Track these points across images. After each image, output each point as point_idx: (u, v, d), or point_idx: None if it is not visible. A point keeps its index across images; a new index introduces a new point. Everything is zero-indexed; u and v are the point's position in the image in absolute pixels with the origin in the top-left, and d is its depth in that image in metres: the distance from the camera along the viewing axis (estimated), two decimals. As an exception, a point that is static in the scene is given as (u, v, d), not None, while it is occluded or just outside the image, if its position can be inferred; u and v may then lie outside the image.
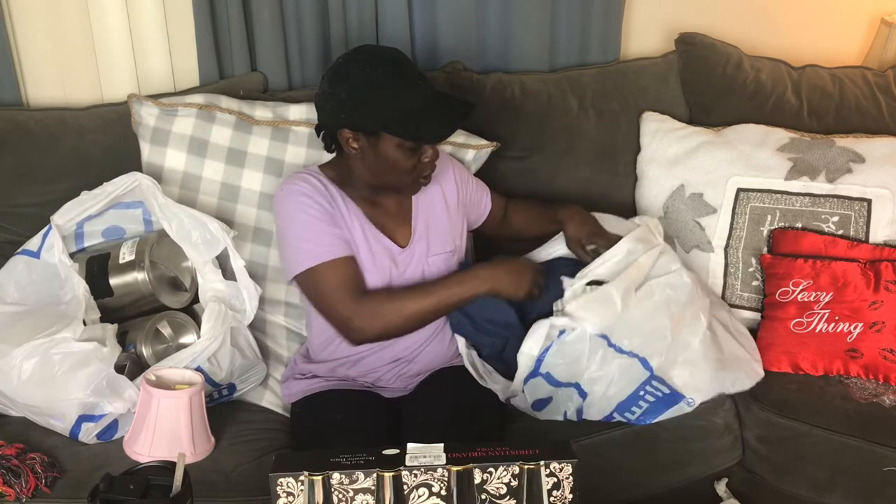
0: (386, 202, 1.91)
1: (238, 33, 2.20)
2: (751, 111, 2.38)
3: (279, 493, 1.20)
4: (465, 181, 2.03)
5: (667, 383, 1.84)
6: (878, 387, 2.02)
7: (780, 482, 2.00)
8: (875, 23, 2.65)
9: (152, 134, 2.06)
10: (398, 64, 1.76)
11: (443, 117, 1.77)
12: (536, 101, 2.33)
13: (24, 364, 1.70)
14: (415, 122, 1.73)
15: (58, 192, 1.97)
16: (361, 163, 1.81)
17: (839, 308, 2.05)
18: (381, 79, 1.72)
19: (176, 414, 1.67)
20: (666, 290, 1.86)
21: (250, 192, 2.05)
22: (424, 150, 1.78)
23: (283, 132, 2.09)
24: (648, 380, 1.83)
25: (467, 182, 2.05)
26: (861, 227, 2.15)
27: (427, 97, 1.76)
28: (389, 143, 1.75)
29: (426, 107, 1.75)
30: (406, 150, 1.76)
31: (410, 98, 1.73)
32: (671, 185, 2.29)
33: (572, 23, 2.46)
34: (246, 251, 2.02)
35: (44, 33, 2.12)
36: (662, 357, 1.83)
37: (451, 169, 2.00)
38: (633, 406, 1.85)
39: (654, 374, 1.83)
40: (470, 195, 2.05)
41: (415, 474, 1.21)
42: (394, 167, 1.78)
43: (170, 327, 1.90)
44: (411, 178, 1.82)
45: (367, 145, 1.77)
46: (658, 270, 1.89)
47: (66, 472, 1.68)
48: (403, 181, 1.83)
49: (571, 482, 1.23)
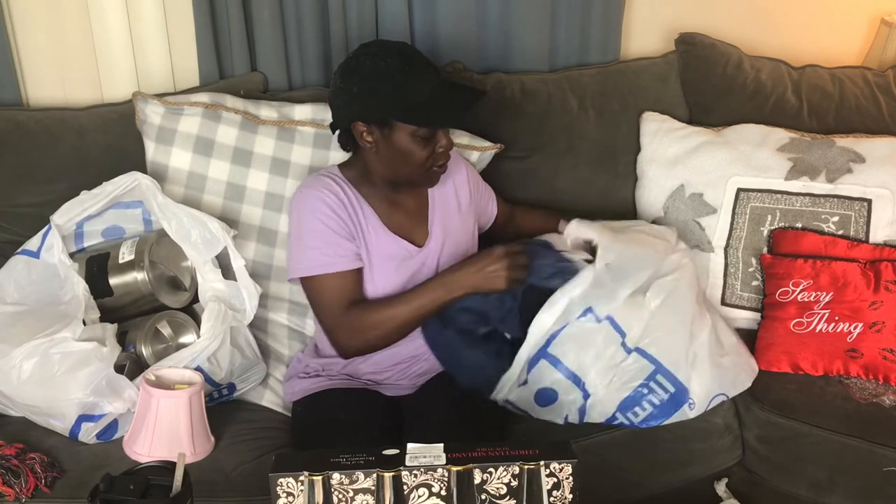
0: (404, 201, 1.91)
1: (238, 33, 2.20)
2: (751, 111, 2.38)
3: (279, 493, 1.20)
4: (477, 184, 2.05)
5: (671, 379, 1.84)
6: (878, 387, 2.02)
7: (780, 482, 2.00)
8: (875, 23, 2.65)
9: (157, 133, 2.05)
10: (407, 54, 1.77)
11: (453, 103, 1.79)
12: (536, 101, 2.33)
13: (24, 364, 1.70)
14: (425, 109, 1.75)
15: (57, 192, 1.97)
16: (377, 157, 1.81)
17: (839, 308, 2.05)
18: (390, 69, 1.74)
19: (176, 414, 1.67)
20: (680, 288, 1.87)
21: (256, 191, 2.05)
22: (438, 140, 1.79)
23: (288, 132, 2.09)
24: (653, 373, 1.83)
25: (478, 185, 2.06)
26: (861, 227, 2.15)
27: (436, 85, 1.77)
28: (402, 133, 1.76)
29: (436, 94, 1.76)
30: (419, 139, 1.76)
31: (420, 86, 1.74)
32: (671, 185, 2.29)
33: (572, 23, 2.45)
34: (250, 251, 2.02)
35: (44, 33, 2.12)
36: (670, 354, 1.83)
37: (465, 170, 2.02)
38: (636, 406, 1.85)
39: (659, 369, 1.83)
40: (480, 199, 2.06)
41: (415, 474, 1.21)
42: (408, 158, 1.79)
43: (169, 327, 1.90)
44: (425, 170, 1.82)
45: (381, 137, 1.78)
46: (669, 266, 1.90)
47: (65, 472, 1.68)
48: (418, 173, 1.83)
49: (571, 482, 1.23)
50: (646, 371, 1.83)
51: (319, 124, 2.09)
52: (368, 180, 1.88)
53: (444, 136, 1.80)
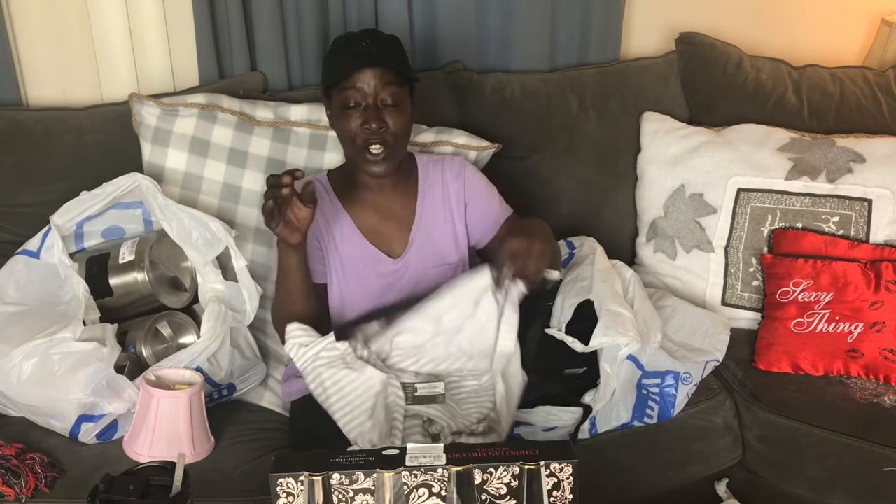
0: (388, 205, 1.90)
1: (238, 33, 2.20)
2: (751, 111, 2.38)
3: (279, 493, 1.20)
4: (476, 191, 1.94)
5: (657, 372, 1.86)
6: (879, 387, 2.02)
7: (780, 482, 2.00)
8: (875, 23, 2.65)
9: (154, 134, 2.06)
10: (347, 36, 1.87)
11: (355, 56, 1.80)
12: (536, 101, 2.33)
13: (24, 364, 1.70)
14: (329, 64, 1.84)
15: (57, 192, 1.97)
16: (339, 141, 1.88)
17: (840, 308, 2.05)
18: (332, 48, 1.87)
19: (176, 414, 1.67)
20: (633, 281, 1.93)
21: (252, 192, 2.05)
22: (366, 118, 1.78)
23: (284, 133, 2.09)
24: (640, 379, 1.85)
25: (478, 193, 1.95)
26: (861, 227, 2.15)
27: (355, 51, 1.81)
28: (335, 104, 1.83)
29: (344, 52, 1.82)
30: (346, 110, 1.80)
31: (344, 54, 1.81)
32: (671, 185, 2.29)
33: (572, 23, 2.46)
34: (247, 251, 2.02)
35: (44, 33, 2.12)
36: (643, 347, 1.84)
37: (462, 174, 1.94)
38: (646, 408, 1.85)
39: (644, 371, 1.85)
40: (478, 209, 1.94)
41: (415, 474, 1.21)
42: (343, 131, 1.83)
43: (169, 327, 1.90)
44: (359, 148, 1.81)
45: (332, 115, 1.87)
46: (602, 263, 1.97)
47: (65, 472, 1.68)
48: (354, 151, 1.83)
49: (571, 482, 1.23)
50: (633, 369, 1.85)
51: (315, 125, 2.09)
52: (351, 181, 1.89)
53: (370, 116, 1.78)
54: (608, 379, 1.80)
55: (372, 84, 1.79)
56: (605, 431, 1.86)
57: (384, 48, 1.83)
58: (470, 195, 1.94)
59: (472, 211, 1.94)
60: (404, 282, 1.87)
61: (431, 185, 1.92)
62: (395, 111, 1.81)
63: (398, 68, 1.82)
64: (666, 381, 1.85)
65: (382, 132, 1.79)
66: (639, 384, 1.85)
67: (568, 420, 1.82)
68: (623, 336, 1.77)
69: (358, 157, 1.83)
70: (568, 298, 1.88)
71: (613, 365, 1.81)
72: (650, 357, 1.85)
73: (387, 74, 1.80)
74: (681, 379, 1.86)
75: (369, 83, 1.79)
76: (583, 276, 1.94)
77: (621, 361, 1.81)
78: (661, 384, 1.85)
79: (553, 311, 1.90)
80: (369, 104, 1.79)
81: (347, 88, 1.79)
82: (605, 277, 1.91)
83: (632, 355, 1.83)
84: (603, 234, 2.21)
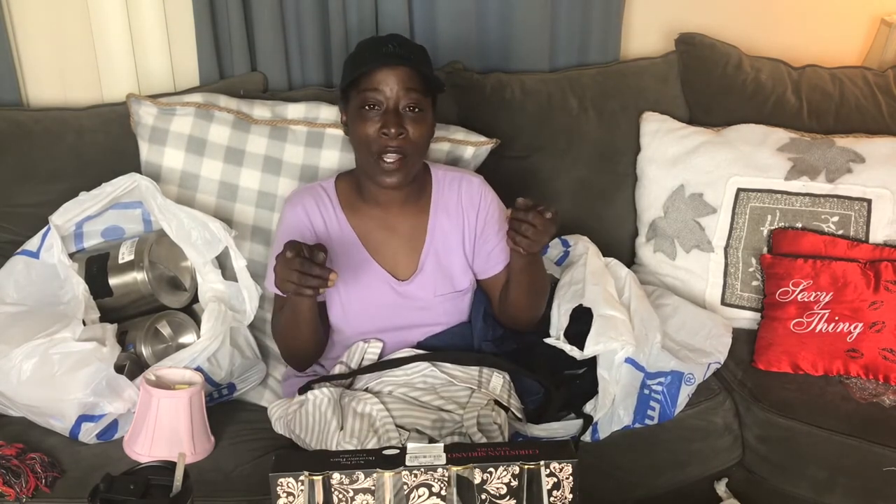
0: (397, 225, 1.83)
1: (238, 33, 2.20)
2: (751, 111, 2.38)
3: (279, 493, 1.20)
4: (490, 222, 1.85)
5: (661, 373, 1.85)
6: (878, 387, 2.02)
7: (780, 482, 2.00)
8: (875, 23, 2.65)
9: (150, 133, 2.05)
10: (373, 39, 1.81)
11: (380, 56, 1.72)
12: (536, 101, 2.33)
13: (24, 364, 1.70)
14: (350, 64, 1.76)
15: (57, 192, 1.97)
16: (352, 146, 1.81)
17: (839, 308, 2.05)
18: (355, 49, 1.79)
19: (176, 414, 1.67)
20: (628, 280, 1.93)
21: (248, 190, 2.05)
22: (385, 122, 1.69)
23: (281, 131, 2.09)
24: (643, 380, 1.84)
25: (492, 226, 1.85)
26: (861, 227, 2.15)
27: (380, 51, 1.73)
28: (352, 106, 1.74)
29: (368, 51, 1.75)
30: (364, 112, 1.71)
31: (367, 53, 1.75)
32: (671, 185, 2.29)
33: (572, 23, 2.46)
34: (245, 250, 2.02)
35: (44, 33, 2.12)
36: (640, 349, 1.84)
37: (480, 199, 1.85)
38: (647, 409, 1.85)
39: (647, 373, 1.84)
40: (487, 244, 1.86)
41: (415, 474, 1.21)
42: (358, 136, 1.73)
43: (169, 327, 1.90)
44: (374, 155, 1.71)
45: (348, 118, 1.78)
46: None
47: (65, 472, 1.68)
48: (368, 160, 1.73)
49: (571, 482, 1.23)
50: (635, 373, 1.84)
51: (312, 123, 2.09)
52: (359, 192, 1.83)
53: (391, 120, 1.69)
54: (607, 386, 1.80)
55: (395, 87, 1.69)
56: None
57: (411, 53, 1.74)
58: (481, 228, 1.86)
59: (481, 245, 1.86)
60: (413, 305, 1.82)
61: (445, 206, 1.85)
62: (416, 119, 1.71)
63: (424, 72, 1.73)
64: (669, 380, 1.85)
65: (401, 139, 1.70)
66: (642, 386, 1.85)
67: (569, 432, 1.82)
68: (615, 341, 1.77)
69: (370, 165, 1.73)
70: (563, 304, 1.88)
71: (611, 370, 1.80)
72: (650, 358, 1.84)
73: (410, 79, 1.70)
74: (684, 379, 1.86)
75: (392, 86, 1.69)
76: (576, 279, 1.94)
77: (619, 366, 1.81)
78: (664, 384, 1.85)
79: (551, 319, 1.89)
80: (389, 108, 1.70)
81: (367, 90, 1.70)
82: (597, 280, 1.90)
83: (630, 358, 1.82)
84: (603, 234, 2.22)
